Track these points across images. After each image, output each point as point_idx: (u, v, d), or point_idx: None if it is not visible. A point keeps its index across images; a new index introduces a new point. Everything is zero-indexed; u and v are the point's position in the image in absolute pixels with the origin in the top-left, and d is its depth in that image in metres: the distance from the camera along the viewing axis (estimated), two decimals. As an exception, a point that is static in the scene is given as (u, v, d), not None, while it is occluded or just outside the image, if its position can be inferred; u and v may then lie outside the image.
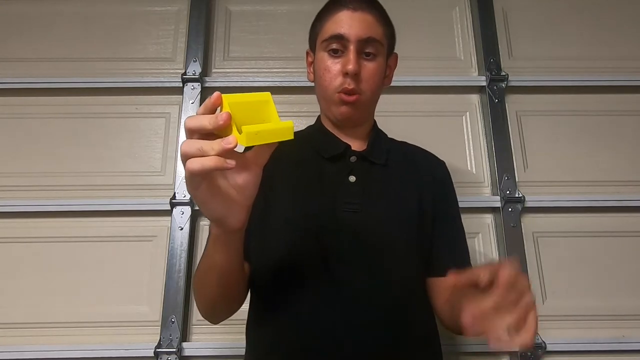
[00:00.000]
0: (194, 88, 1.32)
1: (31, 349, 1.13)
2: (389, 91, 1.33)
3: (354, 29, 0.73)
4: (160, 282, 1.19)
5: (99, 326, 1.17)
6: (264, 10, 1.44)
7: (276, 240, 0.71)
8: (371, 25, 0.75)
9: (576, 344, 1.15)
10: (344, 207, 0.73)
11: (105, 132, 1.32)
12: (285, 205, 0.75)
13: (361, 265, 0.69)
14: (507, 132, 1.30)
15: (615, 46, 1.41)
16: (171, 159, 1.30)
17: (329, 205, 0.73)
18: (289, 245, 0.71)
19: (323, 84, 0.77)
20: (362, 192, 0.74)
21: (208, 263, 0.62)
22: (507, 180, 1.26)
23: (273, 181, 0.74)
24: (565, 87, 1.36)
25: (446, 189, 0.85)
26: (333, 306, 0.67)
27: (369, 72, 0.76)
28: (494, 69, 1.34)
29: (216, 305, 0.70)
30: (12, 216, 1.24)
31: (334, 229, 0.71)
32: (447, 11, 1.45)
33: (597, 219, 1.26)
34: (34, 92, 1.34)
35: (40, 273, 1.21)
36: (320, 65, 0.77)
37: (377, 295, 0.64)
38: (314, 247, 0.62)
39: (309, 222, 0.72)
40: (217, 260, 0.60)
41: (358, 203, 0.73)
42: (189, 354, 1.14)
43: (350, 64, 0.72)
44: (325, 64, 0.76)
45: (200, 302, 0.70)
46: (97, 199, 1.25)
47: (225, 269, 0.61)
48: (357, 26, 0.74)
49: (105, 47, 1.39)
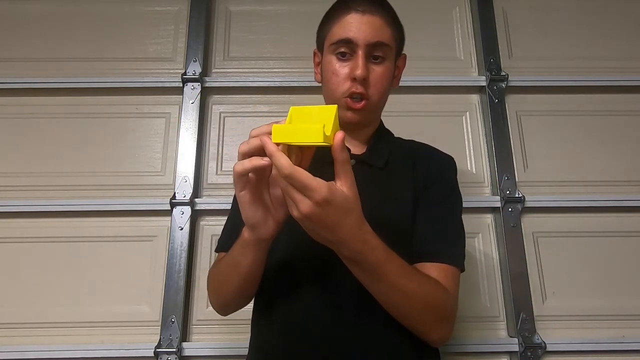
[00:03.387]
0: (194, 88, 1.32)
1: (31, 349, 1.13)
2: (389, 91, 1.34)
3: (362, 33, 0.72)
4: (160, 282, 1.19)
5: (99, 326, 1.17)
6: (264, 10, 1.44)
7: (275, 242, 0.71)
8: (380, 29, 0.74)
9: (576, 344, 1.15)
10: None
11: (106, 132, 1.32)
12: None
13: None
14: (507, 132, 1.30)
15: (615, 46, 1.41)
16: (171, 159, 1.30)
17: None
18: (286, 250, 0.71)
19: (330, 87, 0.76)
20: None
21: (232, 264, 0.67)
22: (507, 180, 1.26)
23: None
24: (565, 87, 1.36)
25: (440, 177, 0.80)
26: (325, 310, 0.68)
27: (377, 77, 0.75)
28: (494, 69, 1.34)
29: (231, 301, 0.75)
30: (12, 216, 1.24)
31: None
32: (447, 11, 1.45)
33: (597, 219, 1.26)
34: (34, 92, 1.34)
35: (40, 273, 1.21)
36: (328, 68, 0.76)
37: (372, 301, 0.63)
38: (310, 251, 0.62)
39: None
40: (242, 263, 0.65)
41: None
42: (189, 354, 1.14)
43: (359, 69, 0.72)
44: (333, 67, 0.75)
45: (216, 296, 0.76)
46: (97, 199, 1.25)
47: (247, 272, 0.66)
48: (366, 30, 0.72)
49: (106, 47, 1.39)
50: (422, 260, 0.70)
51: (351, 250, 0.57)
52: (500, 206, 1.23)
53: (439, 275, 0.68)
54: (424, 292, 0.64)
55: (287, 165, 0.50)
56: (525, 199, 1.24)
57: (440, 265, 0.70)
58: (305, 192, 0.51)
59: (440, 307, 0.66)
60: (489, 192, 1.29)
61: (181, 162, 1.27)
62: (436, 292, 0.66)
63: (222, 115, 1.36)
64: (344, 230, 0.55)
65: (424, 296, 0.64)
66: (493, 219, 1.27)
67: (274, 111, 1.35)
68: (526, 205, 1.24)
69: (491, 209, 1.27)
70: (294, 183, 0.51)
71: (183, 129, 1.29)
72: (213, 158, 1.31)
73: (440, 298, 0.66)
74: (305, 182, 0.51)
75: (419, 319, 0.65)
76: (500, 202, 1.24)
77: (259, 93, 1.37)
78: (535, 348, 1.13)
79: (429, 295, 0.65)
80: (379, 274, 0.60)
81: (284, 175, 0.51)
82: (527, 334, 1.14)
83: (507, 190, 1.25)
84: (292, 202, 0.53)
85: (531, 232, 1.25)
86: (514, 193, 1.24)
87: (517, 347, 1.13)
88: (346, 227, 0.55)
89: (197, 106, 1.30)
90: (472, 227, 1.26)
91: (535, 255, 1.23)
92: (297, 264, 0.71)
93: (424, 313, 0.65)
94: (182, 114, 1.30)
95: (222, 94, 1.37)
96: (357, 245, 0.57)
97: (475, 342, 1.15)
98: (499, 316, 1.19)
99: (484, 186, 1.30)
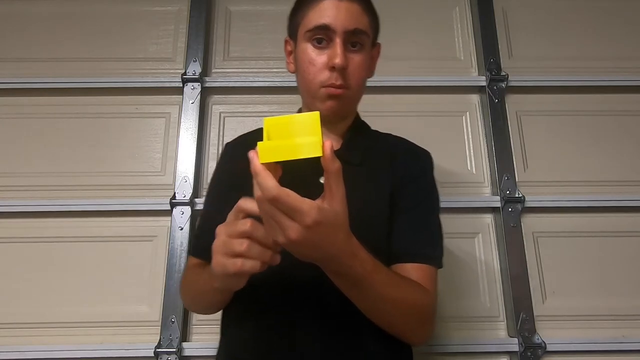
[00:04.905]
0: (194, 88, 1.32)
1: (31, 349, 1.13)
2: (389, 91, 1.34)
3: (340, 19, 0.69)
4: (160, 282, 1.18)
5: (99, 326, 1.17)
6: (264, 10, 1.44)
7: None
8: (358, 16, 0.71)
9: (576, 344, 1.15)
10: None
11: (106, 132, 1.32)
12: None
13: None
14: (507, 132, 1.30)
15: (615, 46, 1.41)
16: (171, 159, 1.30)
17: None
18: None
19: (307, 77, 0.72)
20: None
21: (200, 292, 0.71)
22: (507, 180, 1.26)
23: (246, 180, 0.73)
24: (565, 87, 1.36)
25: (419, 176, 0.78)
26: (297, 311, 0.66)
27: (356, 65, 0.71)
28: (494, 69, 1.34)
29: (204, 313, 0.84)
30: (12, 216, 1.24)
31: None
32: (447, 11, 1.45)
33: (597, 219, 1.26)
34: (34, 92, 1.34)
35: (40, 273, 1.21)
36: (304, 57, 0.72)
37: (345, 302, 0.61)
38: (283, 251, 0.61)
39: None
40: (209, 297, 0.69)
41: None
42: (189, 354, 1.14)
43: (337, 58, 0.68)
44: (309, 56, 0.71)
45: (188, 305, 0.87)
46: (97, 199, 1.25)
47: (216, 301, 0.71)
48: (344, 16, 0.69)
49: (106, 47, 1.39)
50: (402, 261, 0.69)
51: (341, 265, 0.55)
52: (500, 206, 1.23)
53: (418, 276, 0.68)
54: (408, 298, 0.63)
55: (274, 186, 0.46)
56: (525, 199, 1.24)
57: (420, 266, 0.69)
58: (293, 216, 0.47)
59: (423, 311, 0.66)
60: (489, 192, 1.29)
61: (181, 162, 1.27)
62: (420, 296, 0.65)
63: (222, 116, 1.36)
64: (334, 247, 0.52)
65: (408, 302, 0.63)
66: (493, 219, 1.27)
67: (274, 111, 1.35)
68: (526, 205, 1.24)
69: (491, 209, 1.27)
70: (280, 207, 0.47)
71: (183, 129, 1.29)
72: (213, 158, 1.31)
73: (424, 302, 0.66)
74: (294, 205, 0.46)
75: (403, 325, 0.64)
76: (500, 202, 1.24)
77: (259, 93, 1.37)
78: (535, 348, 1.13)
79: (413, 300, 0.64)
80: (365, 285, 0.58)
81: (269, 197, 0.46)
82: (527, 334, 1.14)
83: (507, 190, 1.25)
84: (278, 228, 0.48)
85: (531, 232, 1.25)
86: (514, 193, 1.24)
87: (517, 347, 1.13)
88: (336, 244, 0.52)
89: (197, 106, 1.30)
90: (472, 227, 1.26)
91: (535, 255, 1.23)
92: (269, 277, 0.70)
93: (407, 318, 0.64)
94: (182, 114, 1.30)
95: (222, 94, 1.37)
96: (347, 260, 0.54)
97: (475, 342, 1.15)
98: (499, 316, 1.19)
99: (484, 186, 1.30)
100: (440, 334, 1.16)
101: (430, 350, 1.13)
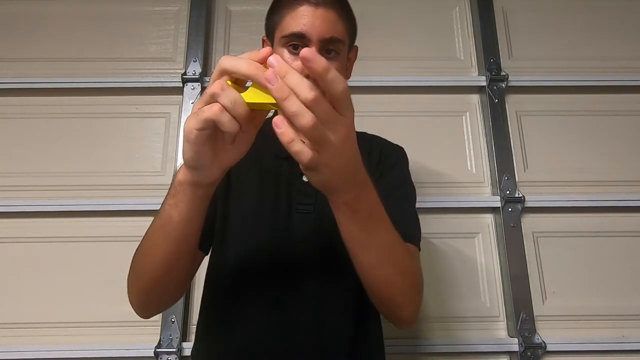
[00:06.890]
0: (194, 88, 1.32)
1: (31, 349, 1.13)
2: (389, 91, 1.34)
3: (316, 28, 0.69)
4: (160, 282, 1.18)
5: (99, 326, 1.17)
6: (264, 10, 1.42)
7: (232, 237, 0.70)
8: (334, 24, 0.70)
9: (576, 344, 1.15)
10: (297, 207, 0.72)
11: (106, 132, 1.32)
12: (241, 205, 0.74)
13: (312, 268, 0.68)
14: (507, 132, 1.30)
15: (615, 46, 1.41)
16: (171, 159, 1.30)
17: (283, 206, 0.72)
18: (242, 245, 0.70)
19: None
20: (315, 192, 0.70)
21: (160, 224, 0.58)
22: (507, 180, 1.26)
23: (230, 179, 0.73)
24: (565, 87, 1.36)
25: (394, 166, 0.79)
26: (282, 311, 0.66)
27: None
28: (494, 69, 1.34)
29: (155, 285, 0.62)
30: (12, 216, 1.24)
31: (287, 231, 0.70)
32: (447, 11, 1.45)
33: (597, 219, 1.26)
34: (34, 92, 1.34)
35: (39, 273, 1.21)
36: None
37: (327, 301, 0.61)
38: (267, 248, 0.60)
39: (263, 222, 0.71)
40: (173, 216, 0.55)
41: (311, 204, 0.72)
42: (189, 354, 1.13)
43: None
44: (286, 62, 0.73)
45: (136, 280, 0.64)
46: (97, 199, 1.25)
47: (179, 231, 0.56)
48: (320, 25, 0.69)
49: (105, 47, 1.39)
50: None
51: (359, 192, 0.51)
52: (500, 206, 1.23)
53: None
54: (406, 258, 0.61)
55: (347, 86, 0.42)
56: (525, 199, 1.24)
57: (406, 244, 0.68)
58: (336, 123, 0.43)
59: (419, 280, 0.64)
60: (489, 192, 1.29)
61: (181, 162, 1.26)
62: (415, 264, 0.64)
63: (222, 115, 1.36)
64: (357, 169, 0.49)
65: (406, 263, 0.61)
66: (493, 219, 1.27)
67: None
68: (526, 205, 1.24)
69: (491, 209, 1.27)
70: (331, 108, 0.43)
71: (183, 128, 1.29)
72: (213, 158, 1.31)
73: (416, 269, 0.65)
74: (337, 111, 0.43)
75: (401, 288, 0.61)
76: (500, 202, 1.24)
77: (259, 93, 1.36)
78: (535, 348, 1.13)
79: (410, 262, 0.62)
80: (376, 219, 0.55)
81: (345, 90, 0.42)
82: (527, 334, 1.14)
83: (507, 190, 1.25)
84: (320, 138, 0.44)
85: (531, 232, 1.25)
86: (514, 193, 1.24)
87: (517, 347, 1.13)
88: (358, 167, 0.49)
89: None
90: (472, 227, 1.26)
91: (535, 255, 1.23)
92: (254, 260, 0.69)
93: (406, 281, 0.61)
94: (182, 114, 1.31)
95: (222, 94, 1.37)
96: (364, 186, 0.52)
97: (475, 342, 1.15)
98: (499, 316, 1.20)
99: (484, 186, 1.30)
100: (440, 334, 1.16)
101: (430, 350, 1.14)
